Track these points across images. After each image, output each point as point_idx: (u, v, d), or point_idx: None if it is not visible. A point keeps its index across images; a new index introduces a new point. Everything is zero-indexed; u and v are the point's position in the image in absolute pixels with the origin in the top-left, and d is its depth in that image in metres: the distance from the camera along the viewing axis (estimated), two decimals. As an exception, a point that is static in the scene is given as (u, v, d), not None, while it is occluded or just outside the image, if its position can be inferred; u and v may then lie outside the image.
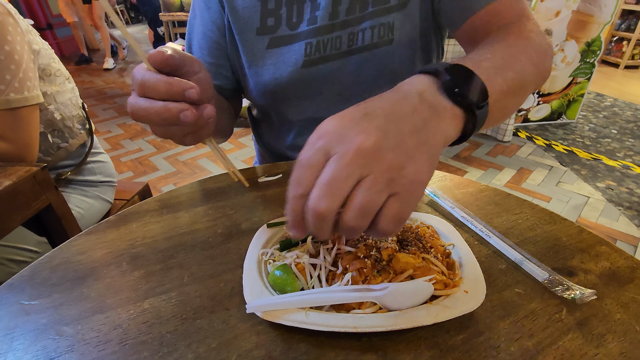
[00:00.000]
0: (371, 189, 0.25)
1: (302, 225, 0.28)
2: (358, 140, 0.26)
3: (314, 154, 0.27)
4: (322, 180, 0.26)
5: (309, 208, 0.26)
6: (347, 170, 0.25)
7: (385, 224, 0.26)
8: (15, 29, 0.72)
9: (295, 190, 0.27)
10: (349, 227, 0.26)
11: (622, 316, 0.34)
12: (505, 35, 0.44)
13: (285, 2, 0.57)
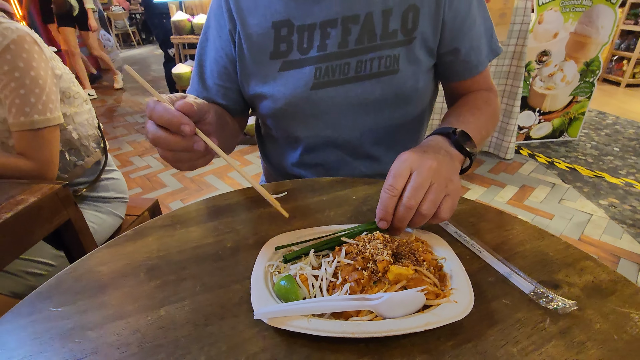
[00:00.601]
0: (437, 190, 0.43)
1: (389, 218, 0.44)
2: (428, 163, 0.44)
3: (404, 169, 0.44)
4: (412, 186, 0.43)
5: (403, 203, 0.43)
6: (425, 179, 0.43)
7: (444, 212, 0.44)
8: (40, 55, 0.78)
9: (391, 192, 0.43)
10: (424, 214, 0.42)
11: (602, 326, 0.36)
12: (481, 102, 0.66)
13: (297, 29, 0.62)
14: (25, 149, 0.75)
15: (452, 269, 0.41)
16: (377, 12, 0.60)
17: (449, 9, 0.61)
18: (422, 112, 0.71)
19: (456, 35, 0.63)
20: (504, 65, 2.31)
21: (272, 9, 0.62)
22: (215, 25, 0.66)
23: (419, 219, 0.43)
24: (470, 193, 2.12)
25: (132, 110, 3.78)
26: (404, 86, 0.63)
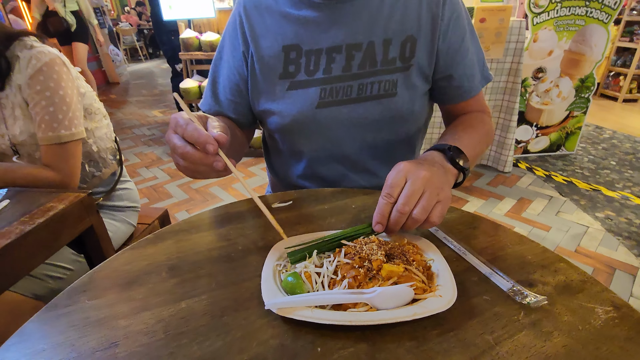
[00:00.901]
0: (429, 197, 0.48)
1: (385, 222, 0.49)
2: (422, 173, 0.49)
3: (400, 178, 0.49)
4: (405, 193, 0.48)
5: (397, 209, 0.47)
6: (418, 188, 0.48)
7: (434, 218, 0.48)
8: (68, 76, 0.85)
9: (388, 199, 0.49)
10: (415, 219, 0.47)
11: (569, 318, 0.41)
12: (476, 122, 0.72)
13: (305, 53, 0.68)
14: (51, 161, 0.82)
15: (439, 269, 0.46)
16: (378, 42, 0.67)
17: (443, 40, 0.68)
18: (417, 131, 0.77)
19: (450, 63, 0.69)
20: (501, 81, 2.39)
21: (283, 34, 0.68)
22: (230, 46, 0.73)
23: (411, 223, 0.48)
24: (469, 205, 2.17)
25: (139, 123, 3.88)
26: (401, 108, 0.69)
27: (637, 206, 2.10)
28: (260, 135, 3.07)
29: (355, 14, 0.66)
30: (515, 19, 2.24)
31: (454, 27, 0.68)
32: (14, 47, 0.79)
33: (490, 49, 2.25)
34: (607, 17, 2.40)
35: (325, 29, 0.67)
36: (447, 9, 0.67)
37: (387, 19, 0.67)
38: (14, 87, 0.79)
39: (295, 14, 0.68)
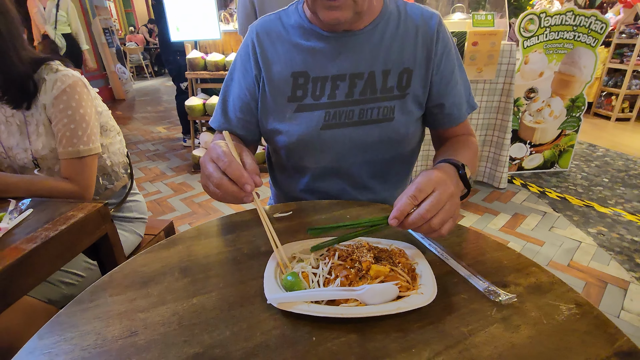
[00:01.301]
0: (448, 211, 0.51)
1: (402, 218, 0.51)
2: (450, 189, 0.52)
3: (428, 187, 0.52)
4: (431, 202, 0.50)
5: (420, 214, 0.50)
6: (442, 200, 0.51)
7: (444, 230, 0.51)
8: (88, 96, 0.93)
9: (412, 200, 0.51)
10: (432, 227, 0.50)
11: (536, 314, 0.47)
12: (468, 143, 0.78)
13: (312, 80, 0.75)
14: (70, 174, 0.88)
15: (422, 271, 0.52)
16: (378, 72, 0.75)
17: (436, 73, 0.76)
18: (411, 152, 0.85)
19: (441, 93, 0.77)
20: (494, 101, 2.49)
21: (293, 62, 0.75)
22: (241, 68, 0.79)
23: (426, 229, 0.51)
24: (465, 220, 2.22)
25: (143, 138, 3.98)
26: (398, 132, 0.76)
27: (628, 222, 2.15)
28: (262, 151, 3.15)
29: (358, 47, 0.74)
30: (506, 42, 2.35)
31: (445, 61, 0.76)
32: (41, 71, 0.86)
33: (483, 70, 2.35)
34: (595, 40, 2.51)
35: (331, 59, 0.74)
36: (439, 45, 0.75)
37: (386, 52, 0.74)
38: (39, 107, 0.87)
39: (304, 44, 0.75)
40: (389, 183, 0.86)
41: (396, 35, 0.75)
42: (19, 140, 0.90)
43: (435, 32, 0.75)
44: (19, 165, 0.93)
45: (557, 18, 2.44)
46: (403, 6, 0.77)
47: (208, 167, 0.55)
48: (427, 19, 0.75)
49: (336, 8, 0.65)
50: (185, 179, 2.89)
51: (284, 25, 0.77)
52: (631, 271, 1.74)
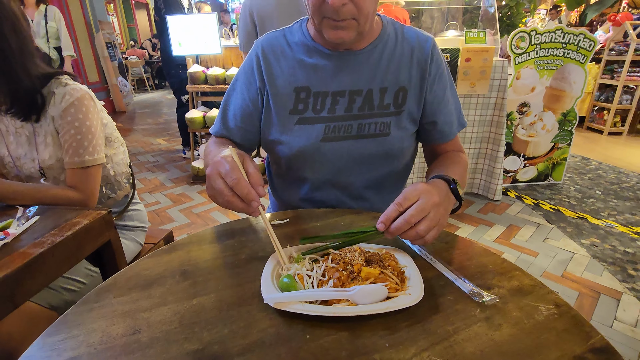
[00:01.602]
0: (433, 219, 0.56)
1: (388, 223, 0.56)
2: (434, 198, 0.57)
3: (414, 195, 0.57)
4: (415, 208, 0.55)
5: (404, 218, 0.55)
6: (427, 207, 0.56)
7: (429, 237, 0.56)
8: (95, 109, 0.97)
9: (397, 207, 0.56)
10: (419, 233, 0.55)
11: (517, 314, 0.50)
12: (458, 159, 0.82)
13: (314, 94, 0.79)
14: (75, 183, 0.91)
15: (411, 274, 0.55)
16: (376, 90, 0.79)
17: (429, 92, 0.81)
18: (405, 165, 0.89)
19: (434, 111, 0.82)
20: (488, 114, 2.55)
21: (296, 77, 0.79)
22: (245, 80, 0.83)
23: (412, 234, 0.55)
24: (461, 231, 2.25)
25: (143, 150, 4.02)
26: (393, 146, 0.81)
27: (621, 234, 2.19)
28: (262, 163, 3.17)
29: (358, 66, 0.79)
30: (497, 59, 2.43)
31: (438, 82, 0.81)
32: (50, 84, 0.91)
33: (476, 85, 2.42)
34: (584, 57, 2.60)
35: (332, 76, 0.79)
36: (433, 67, 0.80)
37: (384, 72, 0.79)
38: (48, 118, 0.91)
39: (307, 60, 0.79)
40: (384, 194, 0.89)
41: (393, 56, 0.80)
42: (27, 151, 0.94)
43: (429, 55, 0.80)
44: (25, 174, 0.97)
45: (546, 36, 2.52)
46: (400, 29, 0.83)
47: (217, 182, 0.57)
48: (423, 42, 0.81)
49: (341, 28, 0.69)
50: (184, 189, 2.92)
51: (289, 42, 0.82)
52: (624, 282, 1.76)
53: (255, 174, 0.59)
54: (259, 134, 0.85)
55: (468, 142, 2.65)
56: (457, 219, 2.39)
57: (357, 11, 0.67)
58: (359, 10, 0.67)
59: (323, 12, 0.68)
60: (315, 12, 0.69)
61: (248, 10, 1.70)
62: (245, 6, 1.72)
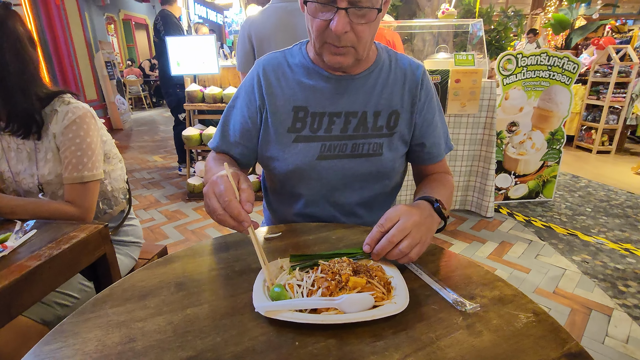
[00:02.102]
0: (414, 237, 0.60)
1: (373, 245, 0.61)
2: (414, 218, 0.62)
3: (395, 216, 0.62)
4: (397, 228, 0.60)
5: (387, 238, 0.60)
6: (407, 227, 0.60)
7: (413, 254, 0.60)
8: (95, 127, 1.00)
9: (380, 229, 0.61)
10: (401, 250, 0.59)
11: (498, 321, 0.52)
12: (444, 181, 0.87)
13: (311, 114, 0.83)
14: (73, 198, 0.94)
15: (397, 284, 0.57)
16: (370, 112, 0.83)
17: (419, 116, 0.86)
18: (396, 185, 0.93)
19: (423, 134, 0.87)
20: (478, 133, 2.62)
21: (295, 97, 0.83)
22: (245, 98, 0.86)
23: (396, 253, 0.60)
24: (454, 248, 2.27)
25: (139, 167, 4.04)
26: (385, 166, 0.85)
27: (611, 250, 2.22)
28: (257, 180, 3.19)
29: (355, 89, 0.83)
30: (486, 80, 2.52)
31: (427, 106, 0.87)
32: (54, 103, 0.94)
33: (466, 105, 2.50)
34: (569, 79, 2.70)
35: (330, 97, 0.83)
36: (423, 93, 0.86)
37: (378, 96, 0.84)
38: (50, 135, 0.94)
39: (306, 82, 0.83)
40: (374, 211, 0.92)
41: (387, 81, 0.85)
42: (27, 166, 0.96)
43: (420, 81, 0.86)
44: (24, 189, 0.99)
45: (532, 59, 2.63)
46: (394, 56, 0.88)
47: (212, 201, 0.61)
48: (414, 69, 0.86)
49: (340, 54, 0.74)
50: (179, 206, 2.92)
51: (289, 64, 0.86)
52: (615, 298, 1.78)
53: (246, 192, 0.62)
54: (257, 150, 0.89)
55: (460, 160, 2.70)
56: (450, 236, 2.41)
57: (357, 39, 0.72)
58: (359, 39, 0.72)
59: (325, 37, 0.72)
60: (318, 37, 0.73)
61: (247, 33, 1.77)
62: (244, 29, 1.79)
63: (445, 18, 3.25)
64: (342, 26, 0.67)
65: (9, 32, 0.87)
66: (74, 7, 5.56)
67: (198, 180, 3.05)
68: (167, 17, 3.21)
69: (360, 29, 0.70)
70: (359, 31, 0.71)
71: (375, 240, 0.62)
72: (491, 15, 5.59)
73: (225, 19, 10.19)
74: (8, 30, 0.86)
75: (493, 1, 6.25)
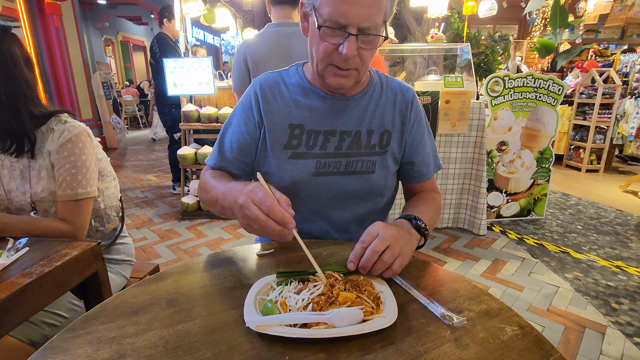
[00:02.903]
0: (394, 248, 0.63)
1: (357, 261, 0.63)
2: (391, 231, 0.65)
3: (374, 231, 0.65)
4: (379, 238, 0.63)
5: (370, 249, 0.62)
6: (387, 238, 0.63)
7: (396, 266, 0.63)
8: (91, 145, 1.02)
9: (363, 244, 0.64)
10: (385, 261, 0.62)
11: (484, 335, 0.53)
12: (430, 200, 0.90)
13: (307, 132, 0.86)
14: (66, 215, 0.94)
15: (386, 298, 0.58)
16: (364, 131, 0.87)
17: (409, 135, 0.90)
18: (387, 202, 0.96)
19: (413, 153, 0.91)
20: (468, 152, 2.67)
21: (291, 115, 0.86)
22: (242, 115, 0.88)
23: (380, 265, 0.62)
24: (448, 266, 2.27)
25: (132, 185, 4.02)
26: (377, 183, 0.88)
27: (602, 267, 2.24)
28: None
29: (349, 109, 0.87)
30: (475, 101, 2.60)
31: (417, 127, 0.91)
32: (50, 122, 0.96)
33: (456, 125, 2.57)
34: (554, 100, 2.79)
35: (325, 117, 0.86)
36: (412, 113, 0.90)
37: (371, 115, 0.88)
38: (44, 153, 0.95)
39: (303, 101, 0.87)
40: (366, 227, 0.94)
41: (379, 102, 0.89)
42: (20, 184, 0.97)
43: (410, 103, 0.90)
44: (16, 207, 0.99)
45: (519, 81, 2.72)
46: (384, 78, 0.93)
47: (252, 209, 0.63)
48: (404, 91, 0.91)
49: (343, 76, 0.78)
50: (172, 225, 2.91)
51: (285, 83, 0.89)
52: (607, 315, 1.79)
53: (284, 198, 0.65)
54: (253, 166, 0.91)
55: (451, 178, 2.75)
56: (444, 254, 2.42)
57: (361, 63, 0.76)
58: (362, 62, 0.76)
59: (332, 59, 0.76)
60: (323, 59, 0.76)
61: (242, 55, 1.83)
62: (239, 52, 1.85)
63: (435, 42, 3.37)
64: (351, 51, 0.72)
65: (5, 54, 0.89)
66: (73, 29, 5.68)
67: (192, 199, 3.04)
68: (163, 39, 3.29)
69: (365, 54, 0.75)
70: (363, 56, 0.75)
71: (358, 257, 0.64)
72: (479, 39, 5.81)
73: (222, 42, 10.43)
74: (3, 52, 0.89)
75: (481, 26, 6.50)
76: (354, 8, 0.68)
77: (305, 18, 0.78)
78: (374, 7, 0.69)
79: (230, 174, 0.90)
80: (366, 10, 0.69)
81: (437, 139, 2.63)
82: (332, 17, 0.70)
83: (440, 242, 2.60)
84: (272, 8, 1.79)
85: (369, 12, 0.69)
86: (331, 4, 0.69)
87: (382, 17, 0.72)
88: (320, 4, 0.71)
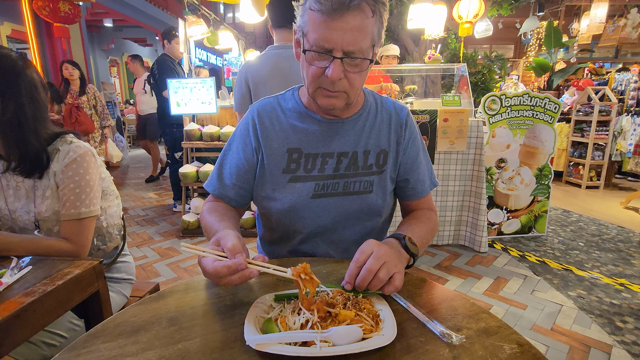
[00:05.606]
0: (389, 266, 0.64)
1: (352, 281, 0.64)
2: (384, 249, 0.66)
3: (368, 250, 0.65)
4: (373, 257, 0.64)
5: (365, 268, 0.63)
6: (381, 256, 0.64)
7: (397, 282, 0.64)
8: (95, 164, 1.04)
9: (357, 263, 0.64)
10: (380, 278, 0.62)
11: (482, 353, 0.53)
12: (424, 218, 0.91)
13: (305, 155, 0.87)
14: (69, 234, 0.95)
15: (385, 316, 0.58)
16: (360, 152, 0.89)
17: (404, 154, 0.92)
18: (385, 220, 0.97)
19: (408, 171, 0.93)
20: (467, 169, 2.70)
21: (289, 140, 0.88)
22: (241, 141, 0.90)
23: (376, 282, 0.63)
24: (449, 284, 2.25)
25: (134, 204, 4.03)
26: (375, 202, 0.89)
27: (606, 285, 2.22)
28: (249, 216, 3.19)
29: (345, 131, 0.89)
30: (473, 119, 2.64)
31: (411, 145, 0.93)
32: (56, 142, 0.99)
33: (455, 142, 2.60)
34: (551, 118, 2.83)
35: (322, 139, 0.88)
36: (407, 132, 0.93)
37: (367, 137, 0.90)
38: (50, 174, 0.97)
39: (299, 125, 0.89)
40: None
41: (374, 123, 0.91)
42: (24, 203, 0.99)
43: (404, 122, 0.93)
44: (19, 226, 1.00)
45: (515, 99, 2.78)
46: (379, 99, 0.96)
47: (211, 279, 0.63)
48: (399, 110, 0.94)
49: (333, 97, 0.80)
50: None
51: (282, 108, 0.92)
52: (612, 334, 1.76)
53: (231, 250, 0.62)
54: (252, 191, 0.92)
55: (451, 195, 2.75)
56: (445, 272, 2.40)
57: (349, 86, 0.78)
58: (351, 85, 0.78)
59: (320, 82, 0.78)
60: (313, 82, 0.79)
61: (244, 77, 1.88)
62: (241, 72, 1.90)
63: (432, 63, 3.46)
64: (337, 74, 0.74)
65: (27, 80, 0.93)
66: (79, 51, 5.83)
67: (193, 217, 3.05)
68: (163, 61, 3.39)
69: (353, 77, 0.77)
70: (351, 79, 0.77)
71: (353, 276, 0.64)
72: (475, 58, 5.94)
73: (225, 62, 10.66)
74: (27, 78, 0.93)
75: (477, 46, 6.66)
76: (337, 33, 0.71)
77: (297, 44, 0.81)
78: (359, 32, 0.72)
79: (228, 199, 0.91)
80: (349, 35, 0.71)
81: (436, 157, 2.66)
82: (318, 42, 0.73)
83: (442, 260, 2.58)
84: (274, 31, 1.85)
85: (353, 37, 0.72)
86: (317, 30, 0.72)
87: (369, 41, 0.74)
88: (308, 30, 0.74)
